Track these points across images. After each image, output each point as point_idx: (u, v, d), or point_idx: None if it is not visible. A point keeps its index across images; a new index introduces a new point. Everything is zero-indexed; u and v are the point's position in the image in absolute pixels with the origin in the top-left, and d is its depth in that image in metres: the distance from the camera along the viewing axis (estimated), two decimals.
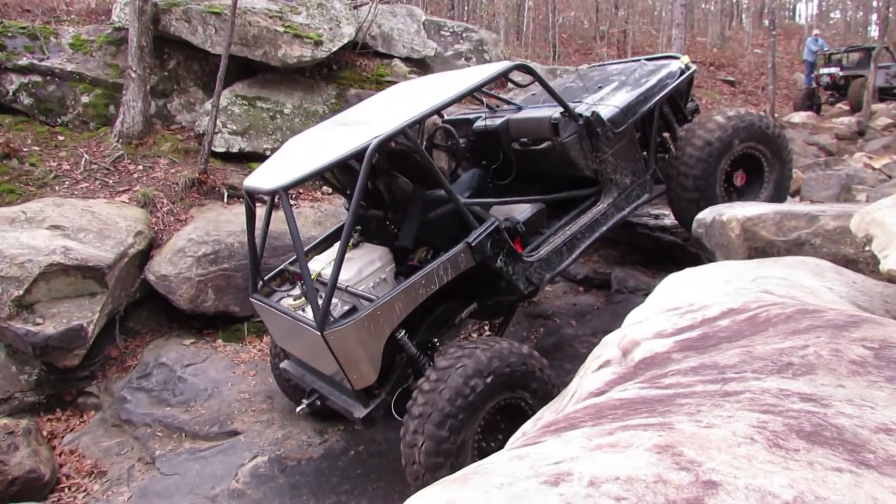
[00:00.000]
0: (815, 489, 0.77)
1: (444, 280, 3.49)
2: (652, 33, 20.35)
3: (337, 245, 4.08)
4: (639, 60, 5.24)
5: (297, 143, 4.12)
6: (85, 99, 7.13)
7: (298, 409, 4.07)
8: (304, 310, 3.67)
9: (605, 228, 4.28)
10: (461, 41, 9.60)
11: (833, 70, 15.26)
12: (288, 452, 4.42)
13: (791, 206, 6.14)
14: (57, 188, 6.16)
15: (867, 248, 3.86)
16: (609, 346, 2.20)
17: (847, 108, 14.55)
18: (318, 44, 7.48)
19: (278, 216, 4.35)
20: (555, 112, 4.19)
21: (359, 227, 4.21)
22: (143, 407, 4.93)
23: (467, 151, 4.89)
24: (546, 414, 2.24)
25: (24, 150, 6.46)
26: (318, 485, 4.14)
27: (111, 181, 6.39)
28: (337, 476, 4.22)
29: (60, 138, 6.82)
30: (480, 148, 4.85)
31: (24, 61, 6.93)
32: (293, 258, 4.38)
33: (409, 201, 3.86)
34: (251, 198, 3.88)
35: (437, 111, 3.64)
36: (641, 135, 4.63)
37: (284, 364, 4.28)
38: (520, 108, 4.75)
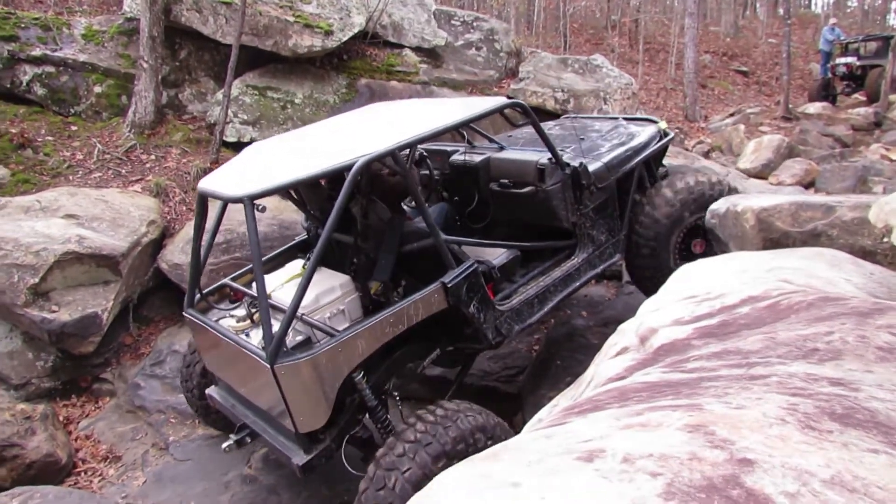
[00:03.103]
0: (853, 469, 0.76)
1: (412, 321, 3.18)
2: (664, 23, 20.16)
3: (290, 265, 3.86)
4: (617, 118, 5.20)
5: (260, 151, 3.70)
6: (97, 89, 7.16)
7: (225, 445, 3.67)
8: (247, 334, 3.29)
9: (577, 284, 4.09)
10: (472, 31, 9.54)
11: (850, 59, 15.04)
12: None
13: (807, 196, 6.07)
14: (71, 177, 6.20)
15: (885, 240, 3.82)
16: (626, 333, 2.19)
17: (864, 98, 14.35)
18: (328, 33, 7.46)
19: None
20: (542, 157, 4.00)
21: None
22: (157, 393, 4.97)
23: (439, 184, 4.54)
24: (562, 401, 2.24)
25: (39, 140, 6.50)
26: (328, 472, 4.15)
27: (124, 171, 6.42)
28: (356, 458, 4.23)
29: (74, 128, 6.85)
30: (454, 183, 4.55)
31: (37, 52, 6.96)
32: (235, 273, 4.07)
33: (387, 231, 3.52)
34: (204, 201, 3.45)
35: (428, 138, 3.32)
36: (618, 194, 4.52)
37: (211, 391, 3.87)
38: (501, 148, 4.51)
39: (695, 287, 2.73)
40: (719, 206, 4.55)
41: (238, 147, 7.00)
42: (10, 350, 5.12)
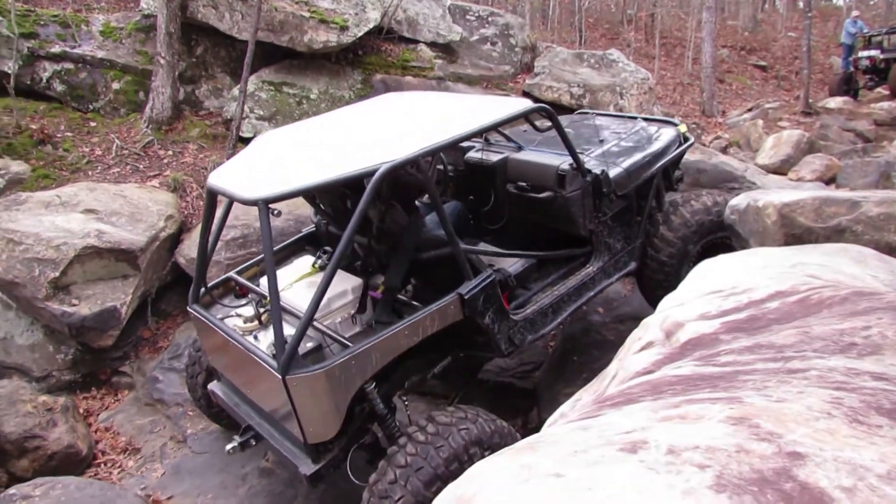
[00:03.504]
0: None
1: (428, 332, 3.08)
2: (681, 17, 19.95)
3: (298, 262, 3.76)
4: (636, 118, 5.04)
5: (273, 145, 3.50)
6: (115, 85, 7.21)
7: (228, 447, 3.57)
8: (255, 336, 3.19)
9: (591, 294, 3.98)
10: (487, 25, 9.50)
11: (873, 53, 14.75)
12: None
13: (831, 191, 5.97)
14: (90, 173, 6.25)
15: None
16: (650, 328, 2.16)
17: (887, 92, 14.08)
18: (343, 29, 7.45)
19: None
20: (563, 162, 3.87)
21: (327, 249, 3.74)
22: (175, 387, 5.00)
23: (452, 181, 4.45)
24: (585, 395, 2.21)
25: (58, 135, 6.56)
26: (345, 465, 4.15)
27: (142, 166, 6.47)
28: (362, 461, 4.24)
29: (92, 124, 6.91)
30: (468, 181, 4.42)
31: (56, 49, 7.03)
32: (241, 267, 3.97)
33: (404, 237, 3.40)
34: (214, 196, 3.31)
35: (454, 144, 3.20)
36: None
37: (214, 386, 3.75)
38: (520, 147, 4.38)
39: (719, 282, 2.69)
40: (740, 201, 4.48)
41: None
42: (32, 343, 5.18)
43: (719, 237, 4.54)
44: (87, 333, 4.98)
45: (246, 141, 6.94)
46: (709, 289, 2.59)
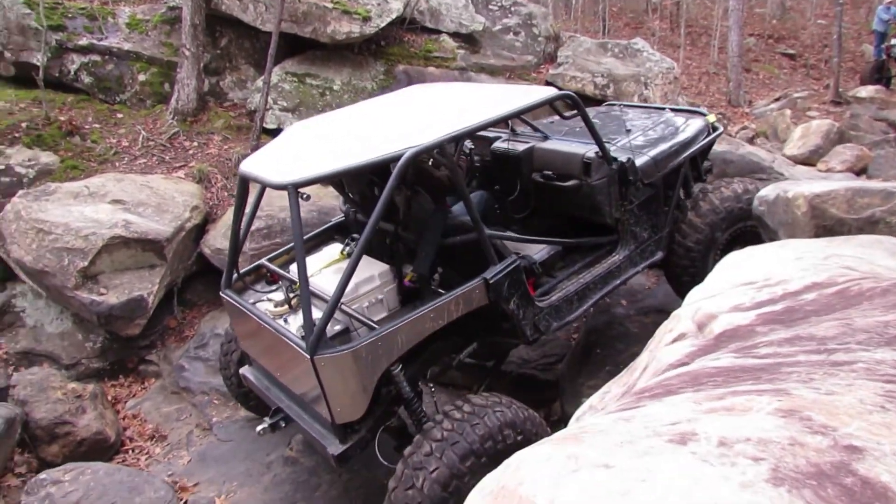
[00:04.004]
0: None
1: (453, 316, 3.16)
2: (707, 5, 19.58)
3: (328, 249, 3.86)
4: (664, 109, 5.02)
5: (303, 133, 3.65)
6: (141, 77, 7.29)
7: (259, 428, 3.68)
8: (285, 320, 3.29)
9: (617, 282, 3.99)
10: (509, 15, 9.40)
11: None
12: None
13: (863, 182, 5.83)
14: (117, 164, 6.34)
15: None
16: (682, 320, 2.12)
17: None
18: (366, 19, 7.43)
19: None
20: (588, 150, 3.91)
21: (355, 236, 3.79)
22: (201, 375, 5.07)
23: (479, 171, 4.49)
24: (614, 387, 2.19)
25: (86, 127, 6.66)
26: (368, 454, 4.17)
27: (167, 157, 6.54)
28: (389, 446, 4.26)
29: (119, 116, 6.99)
30: (495, 171, 4.46)
31: (84, 41, 7.11)
32: (272, 254, 4.06)
33: (430, 223, 3.48)
34: (245, 183, 3.46)
35: (478, 130, 3.28)
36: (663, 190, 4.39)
37: (245, 370, 3.85)
38: (546, 137, 4.39)
39: (750, 274, 2.63)
40: (768, 192, 4.39)
41: (278, 134, 7.05)
42: (62, 331, 5.29)
43: (748, 226, 4.46)
44: (115, 322, 5.07)
45: (269, 132, 6.98)
46: (741, 280, 2.54)
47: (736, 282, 2.51)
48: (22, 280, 5.30)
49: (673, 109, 5.03)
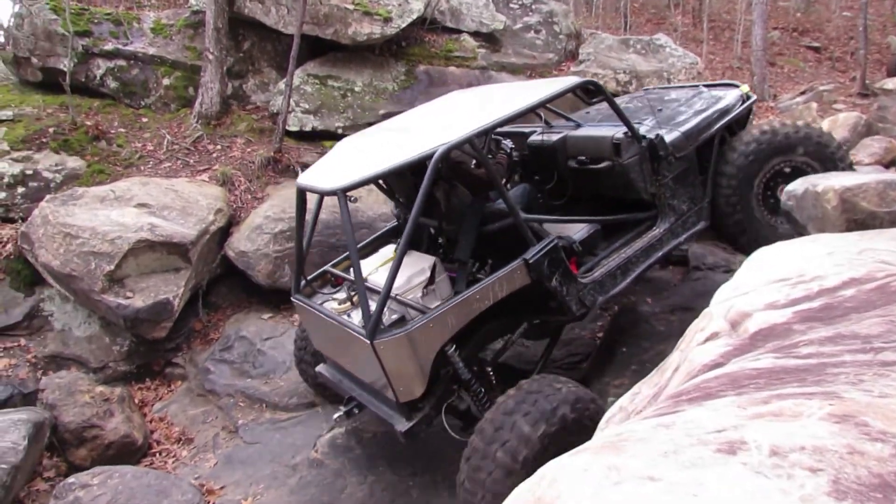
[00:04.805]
0: None
1: (498, 296, 3.41)
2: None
3: (383, 250, 4.14)
4: (698, 87, 5.16)
5: (350, 146, 4.05)
6: (166, 81, 7.37)
7: (335, 416, 4.05)
8: (349, 315, 3.60)
9: (660, 254, 4.13)
10: (530, 13, 9.33)
11: None
12: (364, 425, 4.45)
13: (895, 174, 5.65)
14: (142, 168, 6.41)
15: None
16: (714, 318, 2.06)
17: None
18: (387, 20, 7.43)
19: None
20: (617, 132, 4.06)
21: None
22: (226, 378, 5.10)
23: (519, 166, 4.73)
24: (644, 388, 2.13)
25: (112, 131, 6.75)
26: (393, 456, 4.16)
27: (192, 161, 6.60)
28: (413, 449, 4.23)
29: (144, 120, 7.08)
30: (533, 163, 4.71)
31: (109, 46, 7.22)
32: (335, 260, 4.36)
33: (468, 213, 3.77)
34: (303, 195, 3.80)
35: (504, 123, 3.54)
36: (700, 161, 4.49)
37: (320, 368, 4.22)
38: (578, 125, 4.61)
39: (782, 270, 2.55)
40: (796, 186, 4.29)
41: (300, 136, 7.10)
42: (89, 335, 5.36)
43: (782, 163, 4.48)
44: (142, 325, 5.11)
45: (292, 134, 7.03)
46: (773, 277, 2.46)
47: (768, 278, 2.43)
48: (50, 284, 5.38)
49: (707, 85, 5.17)
